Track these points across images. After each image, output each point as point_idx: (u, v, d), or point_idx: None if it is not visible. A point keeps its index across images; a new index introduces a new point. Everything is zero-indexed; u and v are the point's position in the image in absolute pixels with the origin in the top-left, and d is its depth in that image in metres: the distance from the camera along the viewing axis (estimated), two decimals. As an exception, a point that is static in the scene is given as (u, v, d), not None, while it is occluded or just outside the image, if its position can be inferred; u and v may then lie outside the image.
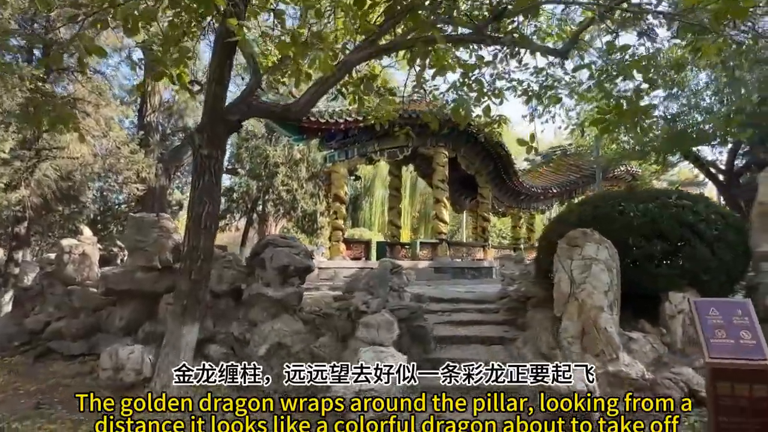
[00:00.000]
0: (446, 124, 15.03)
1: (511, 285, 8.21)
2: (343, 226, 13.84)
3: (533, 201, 22.47)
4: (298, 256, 6.27)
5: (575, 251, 4.89)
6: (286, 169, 19.09)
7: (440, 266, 14.63)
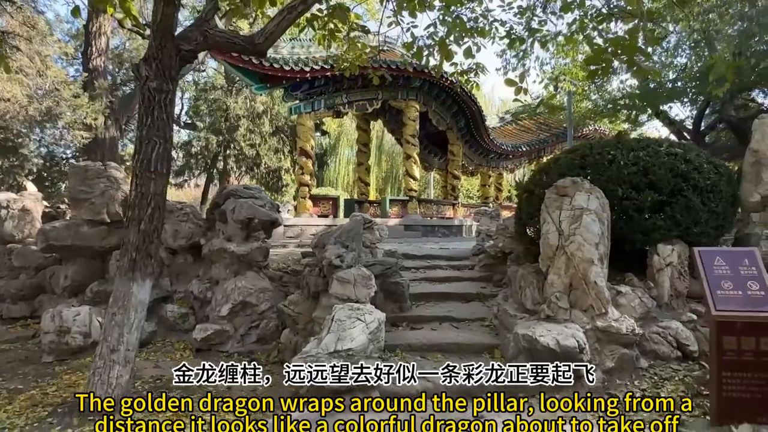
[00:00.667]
0: (418, 76, 14.49)
1: (488, 241, 7.99)
2: (309, 182, 13.28)
3: (503, 160, 22.34)
4: (263, 208, 5.78)
5: (564, 201, 4.60)
6: (247, 122, 18.12)
7: (411, 224, 14.36)
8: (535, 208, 5.61)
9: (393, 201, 15.43)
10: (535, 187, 5.77)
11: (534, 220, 5.65)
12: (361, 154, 17.51)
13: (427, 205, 16.67)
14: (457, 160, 18.12)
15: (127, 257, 3.79)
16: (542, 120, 25.33)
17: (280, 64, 11.94)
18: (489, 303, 6.09)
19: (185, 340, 5.63)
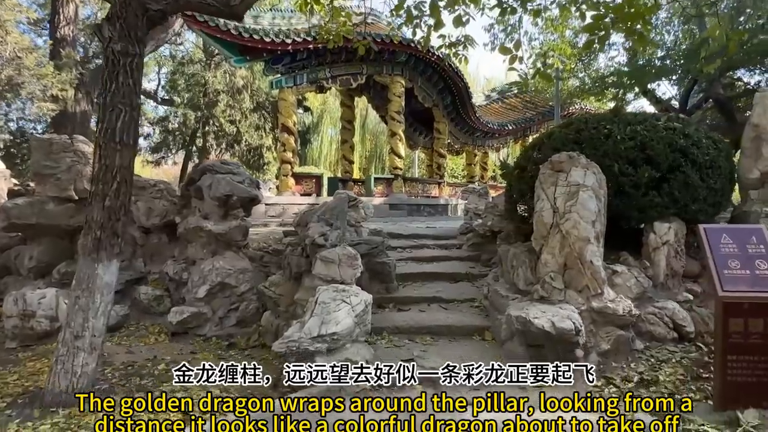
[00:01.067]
0: (404, 50, 14.10)
1: (476, 219, 7.81)
2: (292, 160, 12.93)
3: (489, 138, 22.15)
4: (242, 184, 5.48)
5: (560, 177, 4.39)
6: (227, 98, 17.53)
7: (396, 203, 14.14)
8: (527, 185, 5.42)
9: (378, 179, 15.17)
10: (528, 163, 5.56)
11: (526, 197, 5.47)
12: (345, 131, 17.14)
13: (413, 184, 16.44)
14: (442, 138, 17.86)
15: (90, 236, 3.49)
16: (528, 99, 25.15)
17: (260, 35, 11.48)
18: (478, 283, 5.94)
19: (160, 324, 5.37)
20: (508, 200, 6.13)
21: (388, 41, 13.16)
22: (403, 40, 13.54)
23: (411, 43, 13.64)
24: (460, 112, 18.47)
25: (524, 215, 5.80)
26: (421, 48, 13.89)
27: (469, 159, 22.65)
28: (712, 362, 3.72)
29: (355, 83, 14.13)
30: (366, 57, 13.82)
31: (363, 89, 17.13)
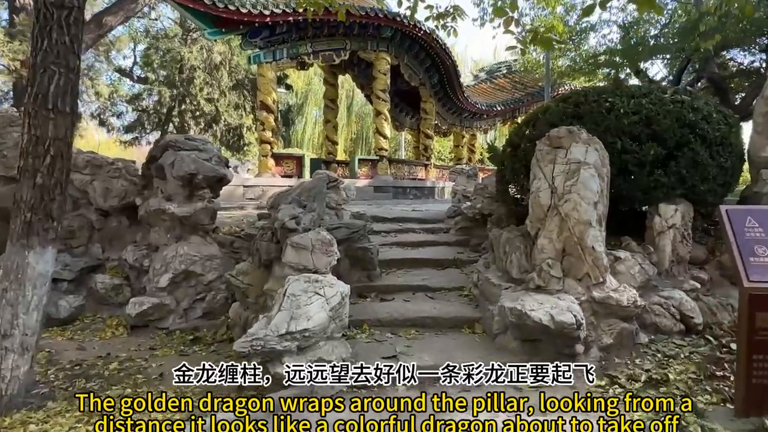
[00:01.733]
0: (390, 24, 13.52)
1: (465, 202, 7.43)
2: (272, 139, 12.38)
3: (477, 119, 21.71)
4: (209, 162, 5.00)
5: (559, 154, 4.00)
6: (204, 75, 16.80)
7: (381, 185, 13.68)
8: (521, 164, 5.05)
9: (362, 161, 14.68)
10: (521, 140, 5.16)
11: (519, 177, 5.09)
12: (329, 110, 16.55)
13: (399, 166, 15.99)
14: (429, 119, 17.38)
15: (20, 219, 3.01)
16: (517, 79, 24.72)
17: (236, 5, 10.82)
18: (467, 270, 5.57)
19: (119, 316, 4.91)
20: (499, 181, 5.74)
21: (372, 14, 12.56)
22: (388, 14, 12.97)
23: (397, 17, 13.08)
24: (448, 92, 17.97)
25: (517, 197, 5.42)
26: (407, 22, 13.34)
27: (456, 141, 22.21)
28: (725, 359, 3.41)
29: (338, 59, 13.53)
30: (349, 32, 13.26)
31: (347, 67, 16.53)
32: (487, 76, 24.94)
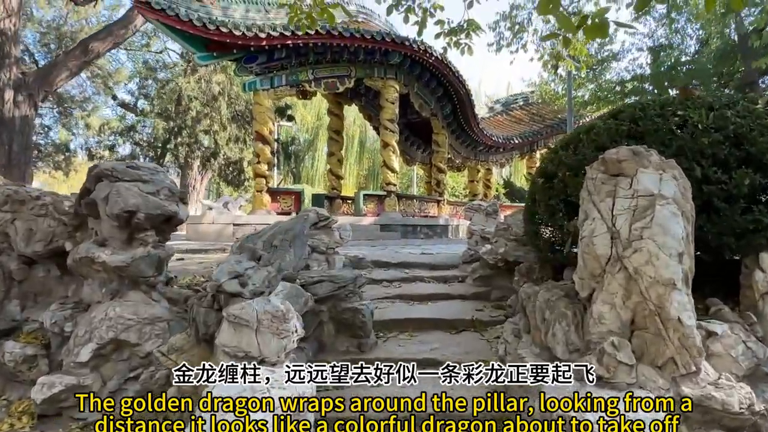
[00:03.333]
0: (398, 49, 12.73)
1: (483, 245, 6.31)
2: (267, 173, 11.45)
3: (493, 153, 20.81)
4: (155, 196, 3.96)
5: (620, 184, 2.90)
6: (201, 106, 16.12)
7: (388, 223, 12.59)
8: (558, 199, 3.95)
9: (368, 196, 13.67)
10: (557, 168, 4.07)
11: (557, 216, 3.98)
12: (333, 143, 15.70)
13: (408, 202, 14.95)
14: (442, 152, 16.45)
15: None
16: (535, 111, 23.94)
17: (229, 28, 10.11)
18: (489, 334, 4.43)
19: (30, 398, 3.78)
20: (528, 220, 4.62)
21: (379, 39, 11.80)
22: (396, 38, 12.21)
23: (405, 41, 12.32)
24: (462, 124, 17.11)
25: (553, 240, 4.29)
26: (417, 47, 12.57)
27: (471, 175, 21.23)
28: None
29: (343, 87, 12.73)
30: (354, 58, 12.50)
31: (353, 96, 15.81)
32: (503, 108, 24.18)
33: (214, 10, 10.49)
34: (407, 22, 7.09)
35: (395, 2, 6.91)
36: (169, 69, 17.41)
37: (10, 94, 10.57)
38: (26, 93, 10.73)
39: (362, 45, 11.89)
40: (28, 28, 19.48)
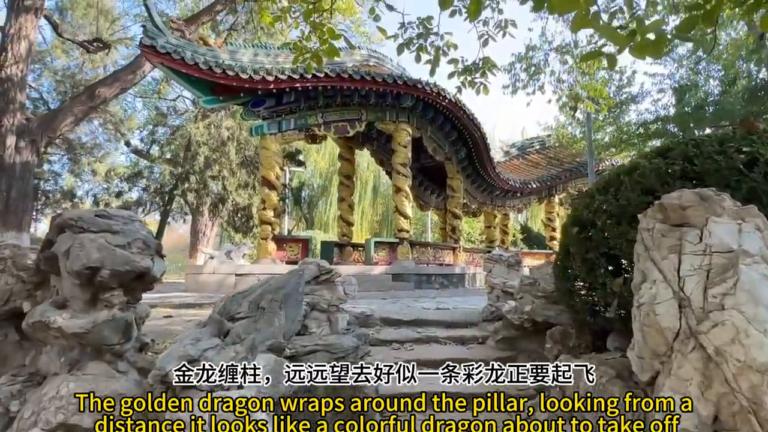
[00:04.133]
0: (410, 92, 12.47)
1: (505, 300, 5.66)
2: (273, 219, 11.00)
3: (510, 197, 20.27)
4: (126, 248, 3.44)
5: (687, 236, 2.31)
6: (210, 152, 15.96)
7: (400, 272, 11.94)
8: (597, 252, 3.37)
9: (379, 244, 13.09)
10: (594, 215, 3.49)
11: (596, 272, 3.38)
12: (344, 188, 15.31)
13: (422, 249, 14.34)
14: (457, 197, 15.94)
15: None
16: (552, 154, 23.53)
17: (236, 71, 9.90)
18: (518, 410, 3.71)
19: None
20: (560, 276, 4.00)
21: (390, 81, 11.54)
22: (408, 81, 11.95)
23: (418, 83, 12.05)
24: (477, 168, 16.67)
25: (593, 301, 3.66)
26: (430, 90, 12.28)
27: (488, 221, 20.62)
28: None
29: (353, 131, 12.42)
30: (365, 101, 12.24)
31: (364, 140, 15.54)
32: (519, 152, 23.81)
33: (222, 54, 10.35)
34: (419, 62, 6.71)
35: (406, 41, 6.53)
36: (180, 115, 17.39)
37: (12, 140, 10.41)
38: (29, 139, 10.57)
39: (373, 88, 11.63)
40: (45, 76, 19.89)
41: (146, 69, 12.55)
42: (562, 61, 12.41)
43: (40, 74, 19.58)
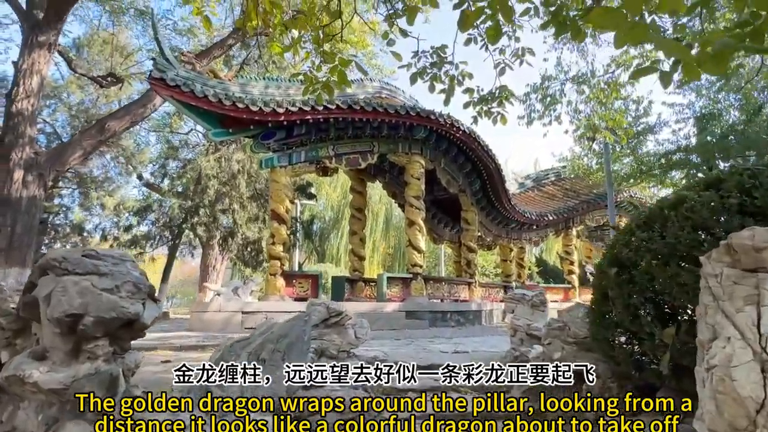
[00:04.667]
0: (423, 123, 12.28)
1: (530, 345, 5.23)
2: (282, 254, 10.69)
3: (526, 230, 19.81)
4: (114, 293, 3.12)
5: (765, 285, 1.94)
6: (221, 185, 15.84)
7: (414, 310, 11.49)
8: (642, 297, 3.01)
9: (392, 279, 12.66)
10: (637, 254, 3.12)
11: (641, 320, 2.99)
12: (355, 221, 15.03)
13: (437, 285, 13.89)
14: (472, 230, 15.56)
15: None
16: (568, 186, 23.16)
17: (246, 103, 9.78)
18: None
19: None
20: (597, 322, 3.60)
21: (403, 112, 11.36)
22: (421, 112, 11.78)
23: (431, 115, 11.87)
24: (492, 200, 16.33)
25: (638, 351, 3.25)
26: (443, 121, 12.09)
27: (504, 254, 20.13)
28: None
29: (365, 163, 12.20)
30: (378, 133, 12.07)
31: (377, 173, 15.33)
32: (534, 183, 23.49)
33: (232, 86, 10.27)
34: (433, 91, 6.47)
35: (419, 70, 6.29)
36: (192, 148, 17.41)
37: (20, 174, 10.33)
38: (36, 173, 10.49)
39: (386, 119, 11.46)
40: (60, 111, 20.15)
41: (157, 102, 12.56)
42: (579, 91, 12.18)
43: (54, 109, 19.86)
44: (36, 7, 11.81)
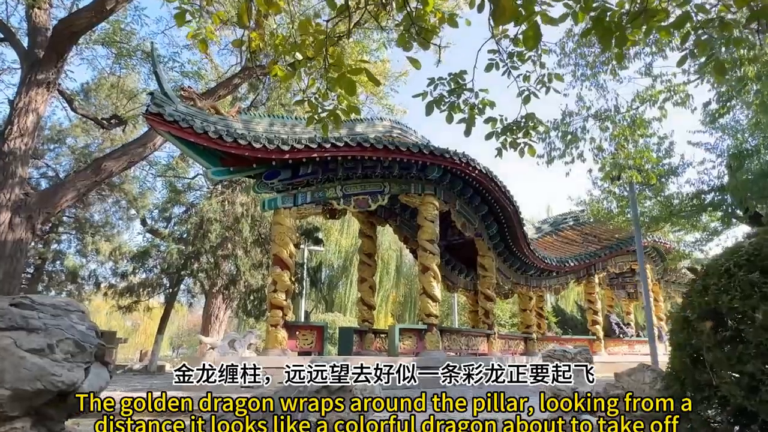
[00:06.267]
0: (437, 163, 11.68)
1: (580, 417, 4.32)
2: (285, 303, 9.86)
3: (545, 277, 18.86)
4: (46, 354, 2.38)
5: None
6: (223, 230, 15.23)
7: (429, 365, 10.47)
8: (763, 363, 2.19)
9: (405, 331, 11.70)
10: (745, 302, 2.34)
11: (760, 394, 2.17)
12: (365, 267, 14.21)
13: (453, 337, 12.92)
14: (489, 276, 14.68)
15: None
16: (588, 231, 22.31)
17: (248, 140, 9.23)
18: None
19: None
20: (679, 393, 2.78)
21: (416, 151, 10.77)
22: (435, 150, 11.18)
23: (445, 153, 11.26)
24: (510, 245, 15.52)
25: None
26: (458, 160, 11.47)
27: (523, 303, 19.07)
28: None
29: (375, 204, 11.52)
30: (389, 173, 11.46)
31: (387, 216, 14.64)
32: (552, 228, 22.65)
33: (235, 123, 9.78)
34: (451, 121, 5.86)
35: (436, 98, 5.67)
36: (195, 191, 16.96)
37: (6, 216, 9.74)
38: (25, 215, 9.91)
39: (397, 158, 10.86)
40: (63, 156, 19.94)
41: (157, 142, 12.12)
42: (602, 128, 11.57)
43: (58, 153, 19.65)
44: (38, 46, 11.61)
